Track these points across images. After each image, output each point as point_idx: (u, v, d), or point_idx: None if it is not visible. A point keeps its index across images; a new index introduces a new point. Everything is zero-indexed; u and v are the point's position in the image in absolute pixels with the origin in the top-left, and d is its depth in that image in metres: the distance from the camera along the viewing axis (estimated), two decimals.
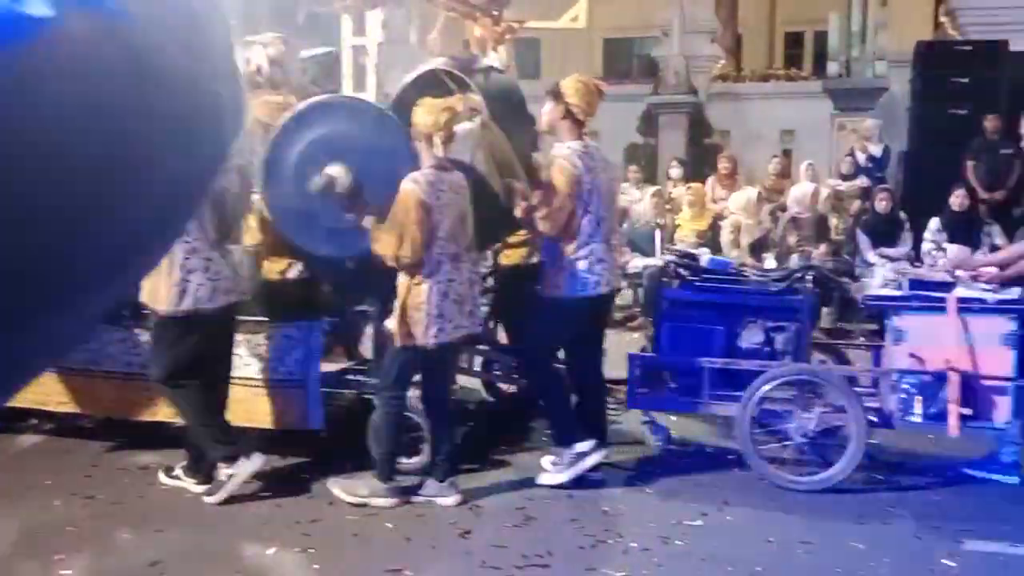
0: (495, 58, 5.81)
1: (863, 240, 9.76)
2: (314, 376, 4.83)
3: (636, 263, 9.76)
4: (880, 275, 5.16)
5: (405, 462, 4.77)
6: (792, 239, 10.89)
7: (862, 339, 5.15)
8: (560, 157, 4.72)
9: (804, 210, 10.64)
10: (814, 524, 4.39)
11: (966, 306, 4.61)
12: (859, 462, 4.72)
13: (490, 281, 5.98)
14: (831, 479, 4.72)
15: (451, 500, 4.56)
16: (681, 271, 5.24)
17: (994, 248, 8.14)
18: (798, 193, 11.32)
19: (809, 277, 5.11)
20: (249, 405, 4.84)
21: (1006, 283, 4.74)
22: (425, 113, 4.42)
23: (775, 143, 14.47)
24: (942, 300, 4.67)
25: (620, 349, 5.65)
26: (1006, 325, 4.59)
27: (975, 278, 4.80)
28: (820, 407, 4.78)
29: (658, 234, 10.32)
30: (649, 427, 5.37)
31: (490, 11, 5.85)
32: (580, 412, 5.01)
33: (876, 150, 12.23)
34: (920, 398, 4.69)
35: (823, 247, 10.38)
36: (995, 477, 4.85)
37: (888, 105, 13.99)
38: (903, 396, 4.71)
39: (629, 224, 10.76)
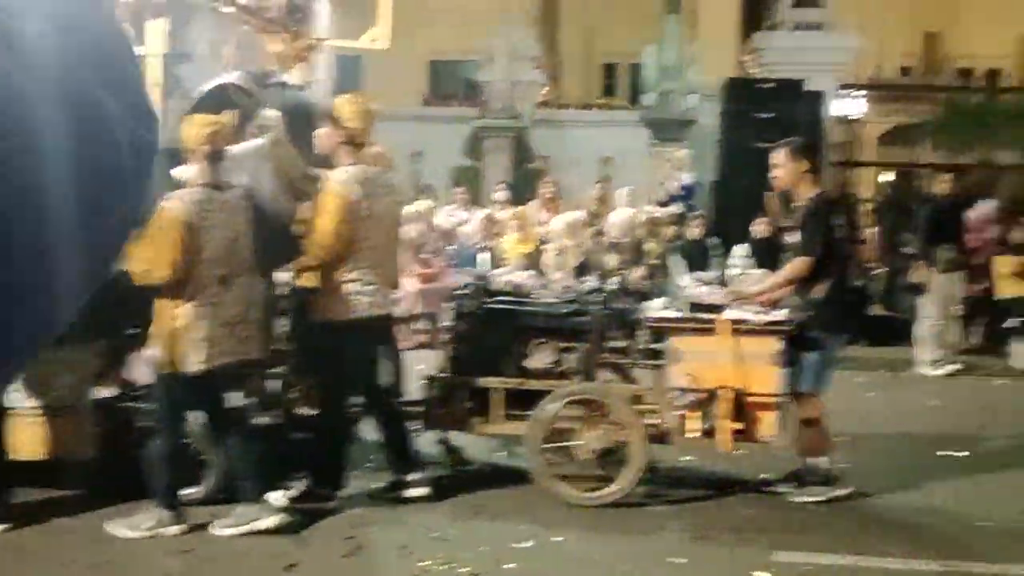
0: (295, 74, 5.73)
1: (676, 264, 10.16)
2: (85, 402, 4.57)
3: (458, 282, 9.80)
4: (662, 299, 5.37)
5: (187, 492, 4.56)
6: (613, 262, 11.27)
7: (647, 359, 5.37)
8: (334, 182, 4.66)
9: (623, 235, 11.03)
10: (636, 542, 4.48)
11: (737, 327, 4.86)
12: (641, 477, 4.87)
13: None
14: (614, 494, 4.85)
15: (270, 522, 4.34)
16: (474, 293, 5.29)
17: None
18: (617, 219, 11.74)
19: (600, 298, 5.26)
20: (20, 435, 4.53)
21: (775, 306, 5.03)
22: (189, 128, 4.30)
23: (595, 169, 14.93)
24: (713, 321, 4.91)
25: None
26: (774, 345, 4.87)
27: (747, 301, 5.07)
28: (606, 425, 4.91)
29: (484, 256, 10.41)
30: (443, 447, 5.38)
31: (288, 27, 5.77)
32: (386, 443, 4.99)
33: (688, 179, 12.83)
34: (695, 414, 4.90)
35: (640, 270, 10.79)
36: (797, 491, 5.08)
37: (700, 136, 14.71)
38: (680, 413, 4.91)
39: (457, 246, 10.84)
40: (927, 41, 22.85)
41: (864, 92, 17.38)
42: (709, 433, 4.89)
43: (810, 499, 4.99)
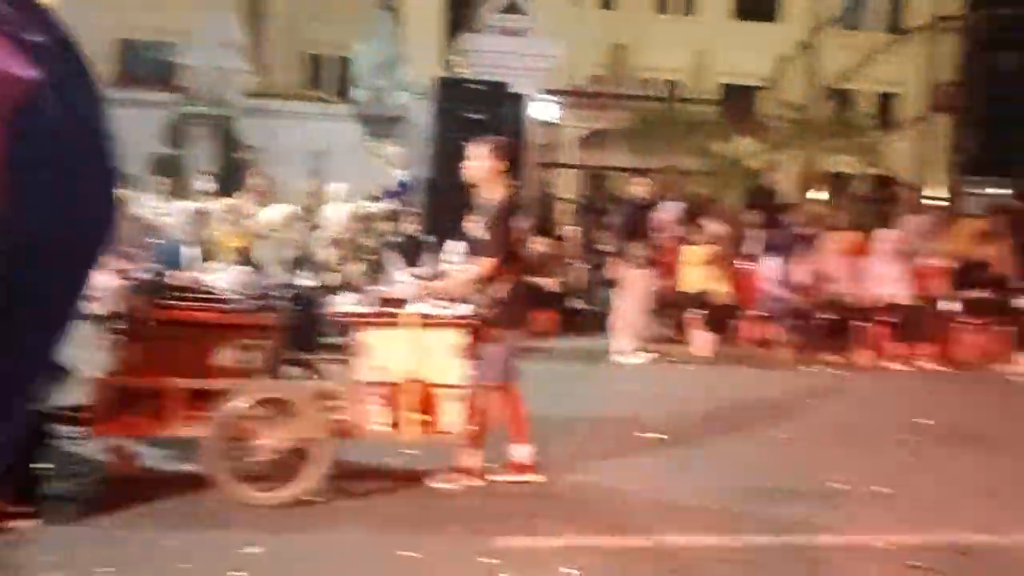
0: None
1: (391, 259, 10.20)
2: None
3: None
4: (352, 295, 5.40)
5: None
6: (331, 257, 11.09)
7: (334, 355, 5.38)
8: None
9: (342, 231, 10.90)
10: (371, 538, 4.45)
11: (425, 321, 4.97)
12: (326, 473, 4.82)
13: None
14: (297, 494, 4.75)
15: None
16: (148, 287, 5.01)
17: None
18: (333, 214, 11.58)
19: (286, 295, 5.18)
20: None
21: (458, 300, 5.19)
22: None
23: (307, 163, 14.62)
24: (398, 315, 4.99)
25: None
26: (457, 338, 5.02)
27: (436, 296, 5.18)
28: (290, 423, 4.82)
29: (191, 251, 9.82)
30: (116, 454, 5.01)
31: None
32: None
33: (402, 176, 12.91)
34: (383, 408, 4.94)
35: (357, 265, 10.71)
36: (516, 478, 5.25)
37: (411, 134, 14.85)
38: (368, 407, 4.93)
39: (160, 239, 10.12)
40: (616, 53, 24.55)
41: (562, 97, 18.39)
42: (397, 426, 4.96)
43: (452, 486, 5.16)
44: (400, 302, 5.15)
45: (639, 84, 23.85)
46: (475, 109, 12.61)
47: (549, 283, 11.57)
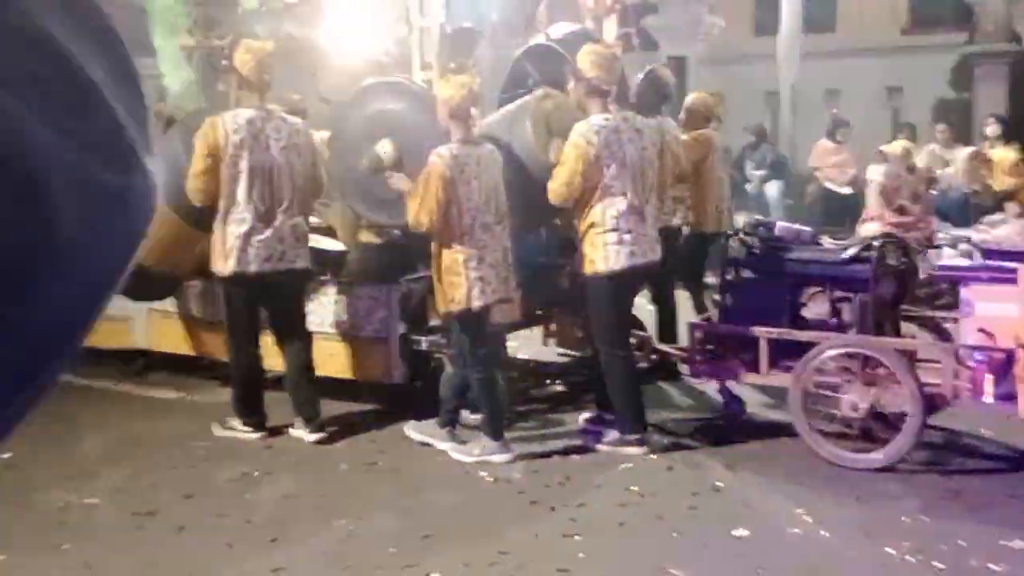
0: (608, 27, 5.93)
1: None
2: (394, 334, 5.35)
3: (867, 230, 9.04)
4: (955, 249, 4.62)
5: (469, 416, 5.08)
6: None
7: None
8: (576, 133, 4.72)
9: None
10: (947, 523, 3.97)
11: None
12: (918, 442, 4.35)
13: None
14: (885, 459, 4.41)
15: (502, 458, 4.73)
16: (747, 239, 5.07)
17: None
18: None
19: (878, 247, 4.70)
20: (342, 359, 5.49)
21: None
22: (446, 88, 4.71)
23: None
24: (1013, 271, 4.14)
25: None
26: None
27: None
28: (877, 382, 4.45)
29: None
30: (724, 396, 5.27)
31: None
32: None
33: None
34: (989, 376, 4.21)
35: None
36: None
37: None
38: (971, 374, 4.26)
39: (937, 191, 9.81)
40: None
41: None
42: (1003, 397, 4.19)
43: None
44: (1013, 255, 4.40)
45: None
46: None
47: None
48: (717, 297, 5.39)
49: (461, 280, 4.66)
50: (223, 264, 4.95)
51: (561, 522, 4.06)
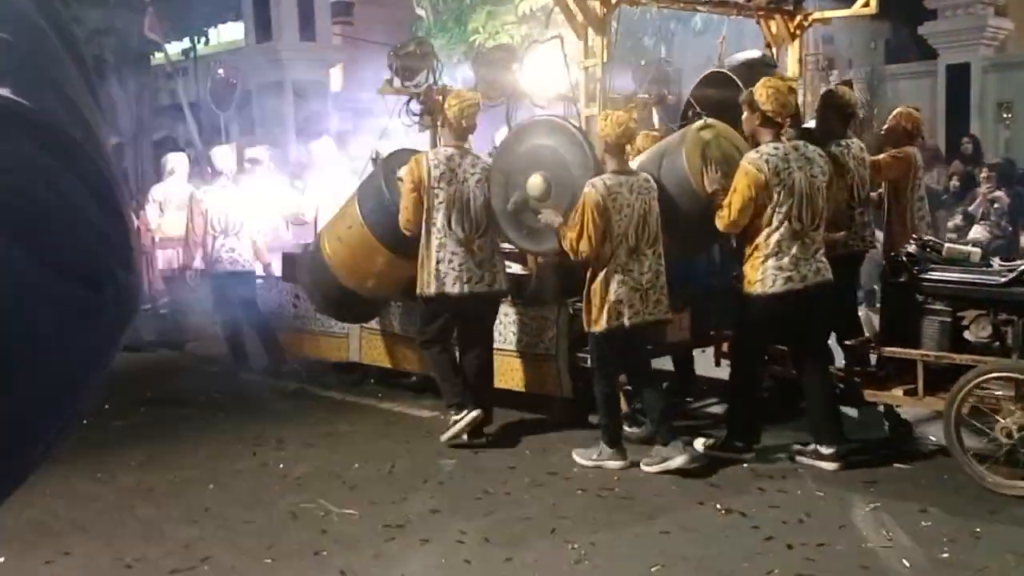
0: (790, 52, 6.03)
1: None
2: (563, 352, 5.75)
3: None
4: None
5: (629, 431, 5.42)
6: None
7: None
8: (747, 161, 4.93)
9: None
10: None
11: None
12: None
13: None
14: None
15: (679, 461, 4.98)
16: (907, 260, 5.00)
17: None
18: None
19: None
20: (516, 373, 6.00)
21: None
22: (604, 123, 5.07)
23: None
24: None
25: None
26: None
27: None
28: None
29: None
30: (883, 416, 5.26)
31: (781, 7, 6.06)
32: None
33: None
34: None
35: None
36: None
37: None
38: None
39: None
40: None
41: None
42: None
43: None
44: None
45: None
46: None
47: None
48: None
49: (597, 302, 5.01)
50: (428, 286, 5.54)
51: (796, 561, 3.98)
